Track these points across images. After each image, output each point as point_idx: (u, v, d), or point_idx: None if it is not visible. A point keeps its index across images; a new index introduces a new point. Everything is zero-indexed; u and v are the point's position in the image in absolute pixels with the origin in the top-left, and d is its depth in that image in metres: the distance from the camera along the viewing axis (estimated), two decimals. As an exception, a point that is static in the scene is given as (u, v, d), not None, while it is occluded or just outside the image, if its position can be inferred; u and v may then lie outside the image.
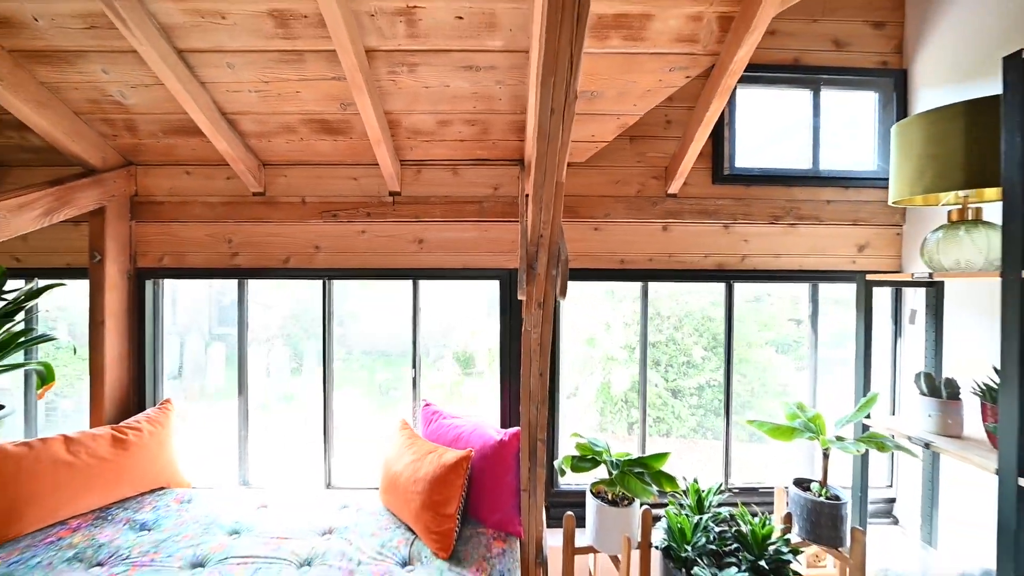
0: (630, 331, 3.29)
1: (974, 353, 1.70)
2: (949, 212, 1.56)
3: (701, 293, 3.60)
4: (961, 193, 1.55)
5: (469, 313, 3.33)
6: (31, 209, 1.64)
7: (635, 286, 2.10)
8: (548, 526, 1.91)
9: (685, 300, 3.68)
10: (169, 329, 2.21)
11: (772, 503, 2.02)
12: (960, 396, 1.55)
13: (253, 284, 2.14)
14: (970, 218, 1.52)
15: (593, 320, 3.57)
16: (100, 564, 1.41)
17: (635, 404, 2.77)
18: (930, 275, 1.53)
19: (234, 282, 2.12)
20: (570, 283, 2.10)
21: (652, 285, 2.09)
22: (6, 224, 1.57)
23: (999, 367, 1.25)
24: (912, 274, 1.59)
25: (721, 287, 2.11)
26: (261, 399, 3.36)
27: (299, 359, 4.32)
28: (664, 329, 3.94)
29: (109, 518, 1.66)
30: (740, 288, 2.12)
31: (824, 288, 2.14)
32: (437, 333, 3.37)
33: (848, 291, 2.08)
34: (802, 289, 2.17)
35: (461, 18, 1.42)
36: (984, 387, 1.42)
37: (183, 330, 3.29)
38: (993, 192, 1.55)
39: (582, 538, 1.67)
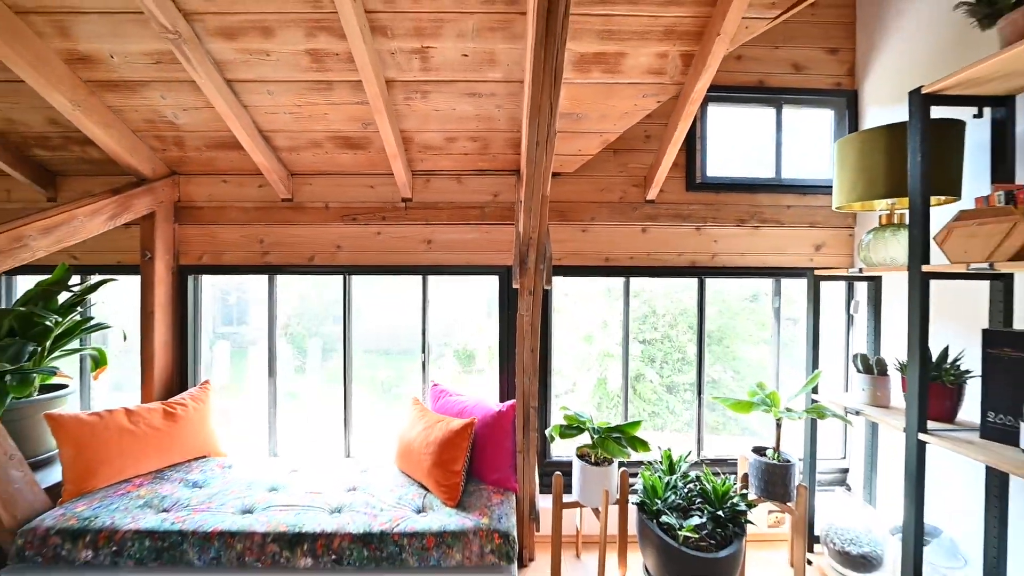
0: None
1: (905, 336, 1.98)
2: (880, 216, 1.84)
3: (695, 291, 3.88)
4: (889, 201, 1.83)
5: (470, 313, 3.58)
6: (101, 214, 1.93)
7: (631, 284, 2.38)
8: (540, 492, 2.20)
9: (679, 298, 3.92)
10: (206, 319, 2.49)
11: (737, 471, 2.30)
12: (888, 372, 1.83)
13: (255, 283, 2.42)
14: (895, 222, 1.80)
15: (591, 318, 3.83)
16: (166, 510, 1.70)
17: (631, 399, 3.04)
18: (860, 270, 1.81)
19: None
20: (566, 280, 2.39)
21: (647, 284, 2.37)
22: (83, 227, 1.85)
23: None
24: (847, 269, 1.87)
25: (714, 283, 2.40)
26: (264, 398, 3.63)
27: (302, 357, 4.52)
28: (660, 327, 4.20)
29: (165, 478, 1.94)
30: (732, 286, 2.40)
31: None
32: (439, 332, 3.61)
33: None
34: (800, 290, 2.43)
35: (467, 56, 1.71)
36: (901, 364, 1.70)
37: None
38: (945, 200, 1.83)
39: (569, 498, 1.95)
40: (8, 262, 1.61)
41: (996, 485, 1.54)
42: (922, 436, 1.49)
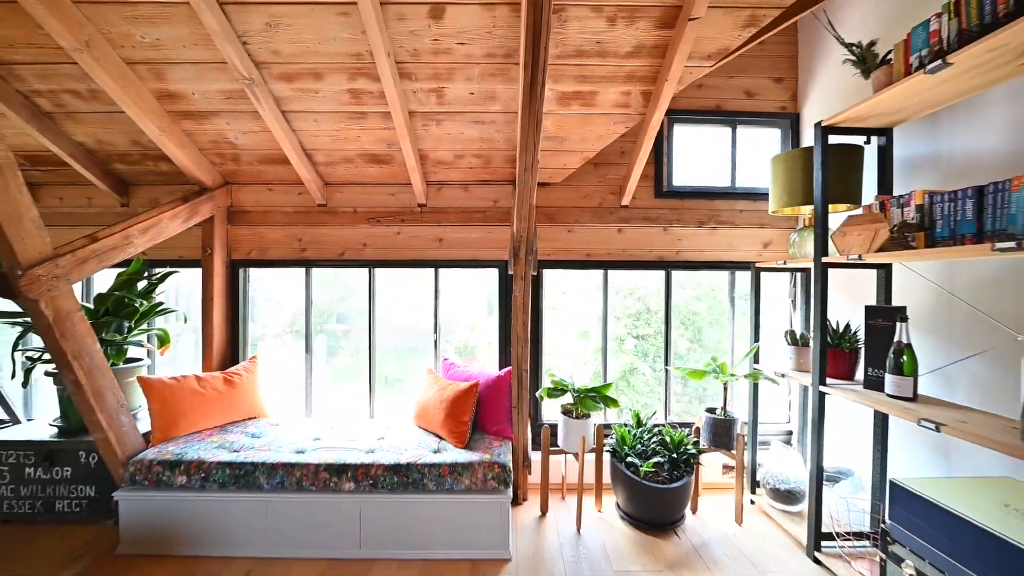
0: (620, 324, 3.95)
1: (830, 316, 2.44)
2: (803, 219, 2.30)
3: (686, 287, 4.31)
4: (810, 207, 2.29)
5: (471, 311, 3.99)
6: (178, 218, 2.40)
7: (624, 283, 2.85)
8: (532, 448, 2.65)
9: (672, 294, 4.39)
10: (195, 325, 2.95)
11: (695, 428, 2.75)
12: (809, 344, 2.29)
13: (258, 279, 2.88)
14: (843, 223, 2.25)
15: (587, 315, 4.25)
16: (236, 451, 2.16)
17: (625, 391, 3.49)
18: (784, 262, 2.27)
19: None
20: (564, 279, 2.83)
21: (640, 282, 2.83)
22: (166, 228, 2.32)
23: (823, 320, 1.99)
24: (780, 262, 2.33)
25: (685, 275, 2.86)
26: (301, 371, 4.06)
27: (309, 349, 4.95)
28: (653, 323, 4.65)
29: (228, 431, 2.40)
30: (699, 279, 2.86)
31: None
32: (442, 328, 4.02)
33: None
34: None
35: (473, 93, 2.17)
36: (824, 338, 2.16)
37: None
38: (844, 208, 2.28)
39: (555, 452, 2.42)
40: (120, 255, 2.08)
41: (880, 424, 2.00)
42: (822, 388, 1.95)
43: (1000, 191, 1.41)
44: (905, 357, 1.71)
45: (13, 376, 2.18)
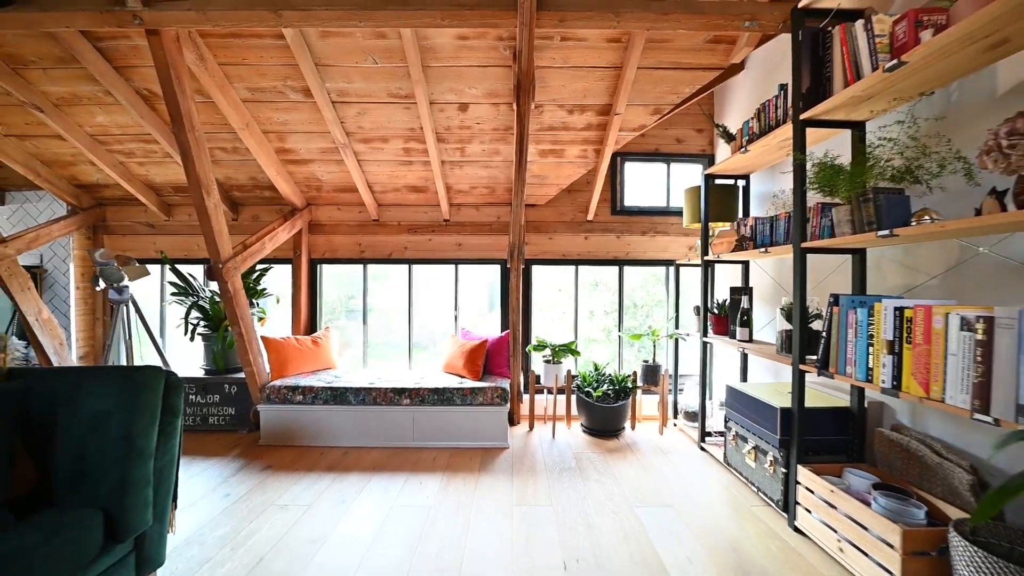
0: (609, 319, 5.07)
1: (720, 295, 3.59)
2: (715, 228, 3.46)
3: (635, 277, 5.48)
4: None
5: (479, 294, 5.18)
6: (285, 230, 3.57)
7: (589, 276, 4.00)
8: (524, 391, 3.80)
9: (654, 290, 5.55)
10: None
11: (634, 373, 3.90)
12: (709, 315, 3.44)
13: (328, 274, 4.04)
14: (716, 234, 3.41)
15: (563, 296, 5.44)
16: (329, 382, 3.32)
17: (592, 350, 4.65)
18: (687, 259, 3.43)
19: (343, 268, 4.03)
20: (542, 268, 3.97)
21: (629, 280, 3.98)
22: (279, 236, 3.49)
23: (714, 299, 3.15)
24: (686, 259, 3.48)
25: (634, 269, 4.01)
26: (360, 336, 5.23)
27: (344, 334, 6.18)
28: (638, 316, 5.81)
29: (316, 375, 3.56)
30: (637, 271, 4.01)
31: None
32: (461, 307, 5.24)
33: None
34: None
35: (484, 150, 3.34)
36: (706, 308, 3.31)
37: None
38: (720, 225, 3.45)
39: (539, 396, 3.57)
40: (260, 255, 3.24)
41: (742, 359, 3.16)
42: (705, 339, 3.11)
43: (777, 220, 2.56)
44: (747, 317, 2.86)
45: (186, 334, 3.35)
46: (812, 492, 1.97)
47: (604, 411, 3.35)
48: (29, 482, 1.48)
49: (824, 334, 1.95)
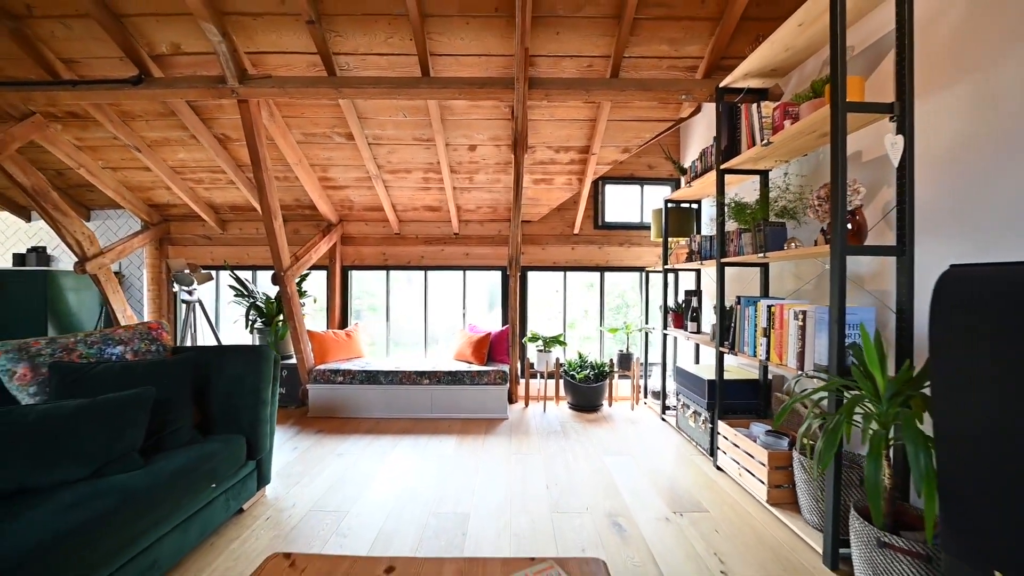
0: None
1: (680, 296, 4.37)
2: (675, 242, 4.24)
3: (657, 288, 6.27)
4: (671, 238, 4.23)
5: (478, 305, 5.98)
6: (325, 243, 4.35)
7: (607, 282, 4.78)
8: (520, 376, 4.58)
9: (605, 286, 6.36)
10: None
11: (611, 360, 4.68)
12: (670, 312, 4.22)
13: (357, 279, 4.82)
14: (674, 247, 4.19)
15: (576, 308, 6.24)
16: (359, 366, 4.09)
17: (578, 343, 5.42)
18: (654, 267, 4.21)
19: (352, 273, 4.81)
20: (537, 274, 4.76)
21: (619, 283, 4.77)
22: (320, 248, 4.27)
23: (675, 299, 3.93)
24: (655, 267, 4.26)
25: (610, 276, 4.79)
26: (383, 331, 6.02)
27: (369, 329, 7.04)
28: (630, 314, 6.61)
29: (350, 361, 4.33)
30: (628, 276, 4.79)
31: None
32: (455, 324, 6.05)
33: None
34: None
35: (488, 178, 4.12)
36: (667, 307, 4.08)
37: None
38: (679, 239, 4.23)
39: (533, 381, 4.35)
40: (308, 264, 4.02)
41: (695, 348, 3.94)
42: (665, 332, 3.89)
43: (713, 239, 3.33)
44: (696, 314, 3.63)
45: (246, 327, 4.14)
46: (727, 439, 2.75)
47: (586, 391, 4.13)
48: (195, 417, 2.26)
49: (732, 324, 2.73)
